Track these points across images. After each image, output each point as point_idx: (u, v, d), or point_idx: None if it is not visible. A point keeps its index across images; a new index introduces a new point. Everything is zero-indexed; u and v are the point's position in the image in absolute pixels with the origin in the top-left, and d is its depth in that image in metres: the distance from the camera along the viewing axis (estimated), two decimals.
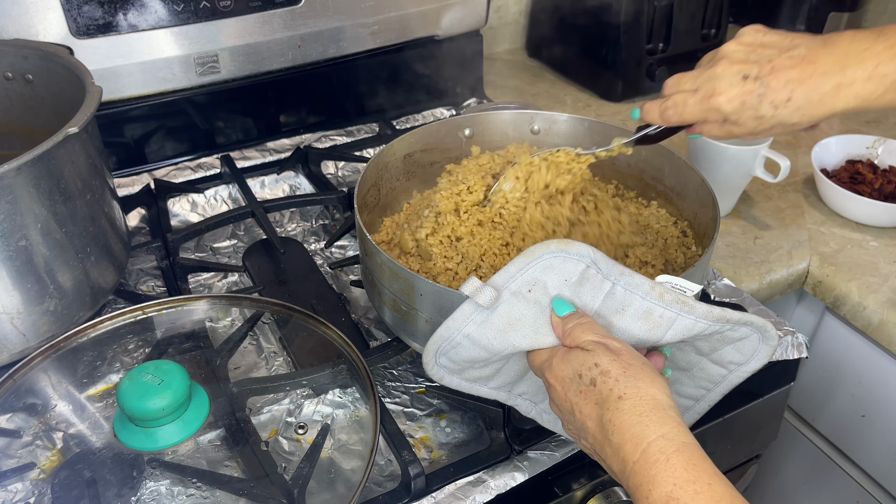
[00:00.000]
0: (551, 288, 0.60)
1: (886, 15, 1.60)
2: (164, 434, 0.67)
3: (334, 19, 1.12)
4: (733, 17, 1.63)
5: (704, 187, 0.79)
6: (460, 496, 0.68)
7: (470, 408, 0.77)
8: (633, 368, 0.54)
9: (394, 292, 0.72)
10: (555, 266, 0.59)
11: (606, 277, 0.59)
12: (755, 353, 0.63)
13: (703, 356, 0.64)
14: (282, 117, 1.18)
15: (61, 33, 0.95)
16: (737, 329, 0.60)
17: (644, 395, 0.52)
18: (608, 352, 0.55)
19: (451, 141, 0.93)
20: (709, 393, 0.67)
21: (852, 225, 1.06)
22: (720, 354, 0.64)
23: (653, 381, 0.53)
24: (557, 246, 0.59)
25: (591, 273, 0.59)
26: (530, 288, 0.60)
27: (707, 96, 0.66)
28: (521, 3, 1.49)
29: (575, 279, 0.59)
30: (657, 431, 0.50)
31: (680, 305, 0.58)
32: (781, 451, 1.19)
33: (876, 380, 1.01)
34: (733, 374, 0.65)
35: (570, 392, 0.56)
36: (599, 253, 0.59)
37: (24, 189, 0.69)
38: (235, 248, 1.01)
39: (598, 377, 0.54)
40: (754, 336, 0.62)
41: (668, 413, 0.51)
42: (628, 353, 0.55)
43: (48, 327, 0.76)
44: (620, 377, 0.53)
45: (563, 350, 0.58)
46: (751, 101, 0.64)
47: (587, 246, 0.59)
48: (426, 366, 0.64)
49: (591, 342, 0.56)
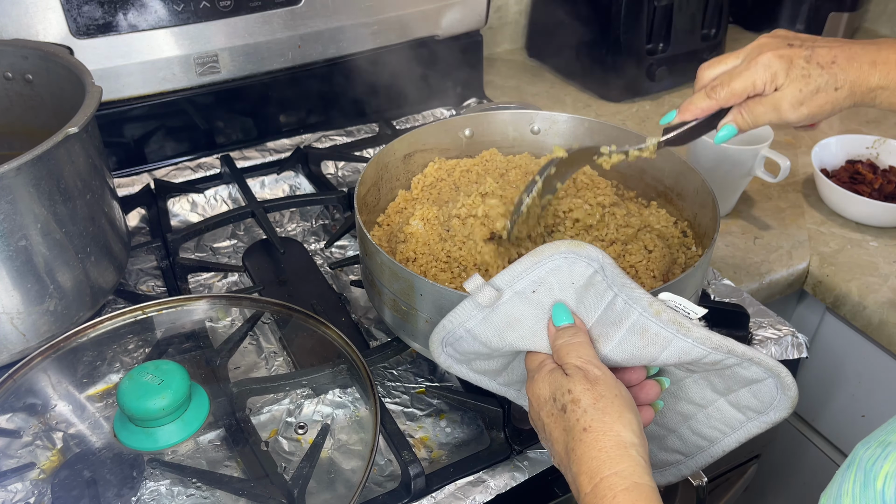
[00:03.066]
0: (556, 290, 0.58)
1: (886, 15, 1.61)
2: (164, 434, 0.67)
3: (334, 19, 1.12)
4: (733, 17, 1.63)
5: (704, 188, 0.79)
6: (460, 496, 0.68)
7: (470, 408, 0.77)
8: (604, 401, 0.53)
9: (394, 292, 0.72)
10: (563, 268, 0.58)
11: (610, 286, 0.58)
12: (774, 403, 0.60)
13: (720, 395, 0.62)
14: (282, 117, 1.18)
15: (61, 33, 0.95)
16: (746, 367, 0.58)
17: (608, 431, 0.52)
18: (585, 380, 0.55)
19: (452, 141, 0.93)
20: (725, 437, 0.64)
21: (852, 225, 1.06)
22: (737, 397, 0.61)
23: (620, 417, 0.53)
24: (568, 247, 0.57)
25: (598, 280, 0.58)
26: (535, 289, 0.58)
27: (755, 58, 0.67)
28: (521, 3, 1.49)
29: (581, 283, 0.58)
30: (612, 469, 0.50)
31: (676, 326, 0.56)
32: (781, 451, 1.19)
33: (876, 380, 1.01)
34: (752, 423, 0.62)
35: (543, 412, 0.56)
36: (608, 258, 0.57)
37: (24, 189, 0.69)
38: (235, 248, 1.01)
39: (568, 404, 0.54)
40: (769, 381, 0.59)
41: (627, 451, 0.51)
42: (605, 383, 0.55)
43: (48, 327, 0.76)
44: (589, 409, 0.53)
45: (549, 367, 0.58)
46: (798, 60, 0.66)
47: (597, 249, 0.57)
48: (433, 353, 0.64)
49: (572, 366, 0.56)
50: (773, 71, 0.66)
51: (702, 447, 0.65)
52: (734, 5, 1.60)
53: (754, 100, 0.68)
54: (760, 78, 0.67)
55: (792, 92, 0.66)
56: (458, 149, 0.93)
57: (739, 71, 0.68)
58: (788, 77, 0.66)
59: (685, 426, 0.65)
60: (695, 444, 0.65)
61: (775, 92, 0.67)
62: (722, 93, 0.69)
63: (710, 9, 1.34)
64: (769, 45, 0.68)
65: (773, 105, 0.67)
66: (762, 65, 0.67)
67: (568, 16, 1.40)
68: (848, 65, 0.65)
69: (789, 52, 0.66)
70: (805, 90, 0.66)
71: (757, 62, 0.67)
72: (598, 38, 1.33)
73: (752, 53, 0.68)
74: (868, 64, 0.65)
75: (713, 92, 0.69)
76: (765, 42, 0.68)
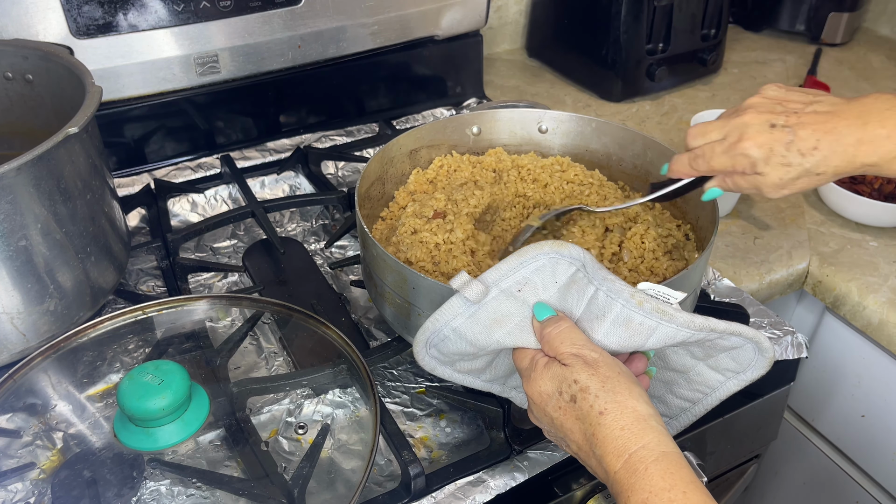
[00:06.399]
0: (540, 289, 0.60)
1: (886, 15, 1.61)
2: (164, 434, 0.67)
3: (334, 19, 1.12)
4: (733, 17, 1.63)
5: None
6: (460, 496, 0.68)
7: (470, 408, 0.77)
8: (611, 381, 0.55)
9: (389, 286, 0.72)
10: (546, 267, 0.60)
11: (591, 281, 0.60)
12: (752, 363, 0.63)
13: (699, 360, 0.65)
14: (282, 117, 1.18)
15: (61, 33, 0.95)
16: (727, 338, 0.61)
17: (624, 408, 0.53)
18: (585, 365, 0.55)
19: (459, 138, 0.93)
20: (706, 397, 0.67)
21: (852, 225, 1.06)
22: (716, 361, 0.64)
23: (630, 392, 0.54)
24: (551, 247, 0.59)
25: (579, 276, 0.60)
26: (520, 287, 0.60)
27: (735, 142, 0.67)
28: (521, 3, 1.49)
29: (564, 282, 0.60)
30: (638, 442, 0.52)
31: (659, 314, 0.58)
32: (781, 451, 1.19)
33: (876, 380, 1.01)
34: (730, 382, 0.65)
35: (549, 407, 0.57)
36: (589, 256, 0.59)
37: (24, 189, 0.69)
38: (235, 248, 1.01)
39: (577, 394, 0.55)
40: (748, 346, 0.62)
41: (648, 423, 0.53)
42: (605, 363, 0.56)
43: (48, 327, 0.76)
44: (600, 392, 0.54)
45: (543, 362, 0.58)
46: (779, 148, 0.65)
47: (578, 248, 0.59)
48: (417, 356, 0.65)
49: (568, 355, 0.57)
50: (753, 160, 0.66)
51: (684, 408, 0.69)
52: (734, 5, 1.61)
53: (738, 174, 0.69)
54: (739, 164, 0.67)
55: (773, 179, 0.66)
56: (466, 146, 0.94)
57: (720, 152, 0.68)
58: (768, 165, 0.66)
59: (668, 392, 0.68)
60: (678, 406, 0.69)
61: (756, 175, 0.67)
62: (703, 167, 0.70)
63: (710, 9, 1.34)
64: (751, 127, 0.66)
65: (754, 184, 0.68)
66: (740, 154, 0.67)
67: (568, 16, 1.40)
68: (831, 150, 0.64)
69: (770, 139, 0.65)
70: (785, 178, 0.66)
71: (736, 149, 0.67)
72: (598, 38, 1.33)
73: (733, 136, 0.67)
74: (853, 145, 0.63)
75: (695, 162, 0.71)
76: (748, 121, 0.67)
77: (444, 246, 0.76)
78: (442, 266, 0.75)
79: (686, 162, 0.71)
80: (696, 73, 1.41)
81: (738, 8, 1.62)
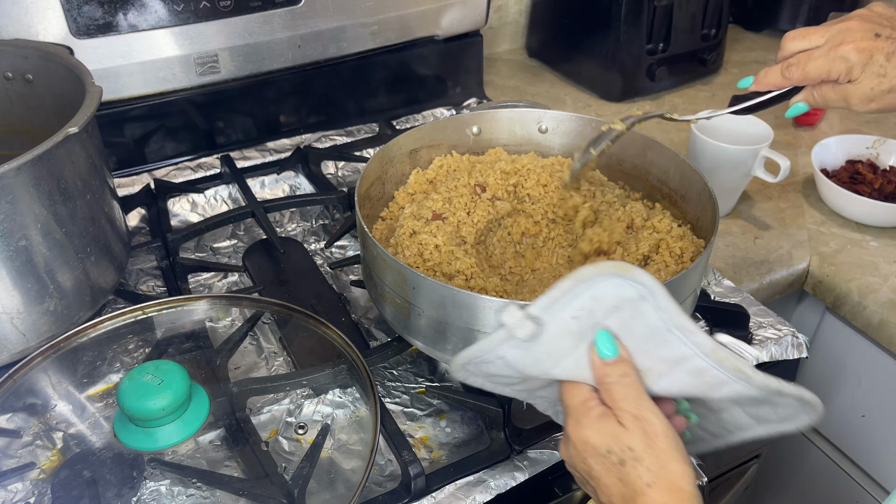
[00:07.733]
0: (599, 316, 0.54)
1: None
2: (164, 434, 0.67)
3: (334, 19, 1.12)
4: (733, 17, 1.63)
5: (706, 190, 0.79)
6: (460, 496, 0.68)
7: (470, 408, 0.77)
8: (665, 456, 0.52)
9: (389, 286, 0.72)
10: (607, 293, 0.52)
11: (662, 320, 0.53)
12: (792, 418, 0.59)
13: (738, 405, 0.60)
14: (282, 117, 1.18)
15: (61, 33, 0.95)
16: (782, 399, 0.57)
17: (673, 487, 0.51)
18: (645, 436, 0.52)
19: (459, 138, 0.93)
20: (731, 435, 0.63)
21: (852, 225, 1.06)
22: (756, 409, 0.60)
23: (682, 471, 0.52)
24: (613, 269, 0.52)
25: (646, 309, 0.53)
26: (576, 314, 0.53)
27: (836, 45, 0.66)
28: (521, 3, 1.49)
29: (627, 310, 0.53)
30: None
31: (737, 373, 0.54)
32: (781, 451, 1.19)
33: (876, 380, 1.01)
34: (762, 427, 0.61)
35: (592, 459, 0.54)
36: (659, 286, 0.52)
37: (24, 189, 0.69)
38: (235, 248, 1.01)
39: (628, 461, 0.52)
40: (794, 402, 0.57)
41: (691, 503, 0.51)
42: (664, 436, 0.53)
43: (48, 327, 0.76)
44: (653, 466, 0.52)
45: (597, 412, 0.54)
46: (878, 57, 0.65)
47: (646, 273, 0.52)
48: (452, 370, 0.61)
49: (629, 415, 0.53)
50: (850, 64, 0.66)
51: (704, 438, 0.65)
52: (734, 5, 1.60)
53: (828, 85, 0.68)
54: (836, 69, 0.67)
55: (864, 89, 0.66)
56: (466, 146, 0.94)
57: (817, 56, 0.67)
58: (864, 73, 0.66)
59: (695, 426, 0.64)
60: (698, 435, 0.65)
61: (849, 84, 0.67)
62: (796, 74, 0.69)
63: (710, 9, 1.34)
64: (855, 32, 0.66)
65: (843, 95, 0.68)
66: (840, 56, 0.66)
67: (568, 16, 1.40)
68: None
69: (871, 46, 0.65)
70: (877, 89, 0.66)
71: (836, 51, 0.66)
72: (598, 37, 1.33)
73: (836, 39, 0.67)
74: None
75: (788, 71, 0.70)
76: (853, 27, 0.67)
77: (445, 247, 0.76)
78: (443, 266, 0.75)
79: (778, 72, 0.70)
80: (696, 72, 1.41)
81: (738, 8, 1.62)
